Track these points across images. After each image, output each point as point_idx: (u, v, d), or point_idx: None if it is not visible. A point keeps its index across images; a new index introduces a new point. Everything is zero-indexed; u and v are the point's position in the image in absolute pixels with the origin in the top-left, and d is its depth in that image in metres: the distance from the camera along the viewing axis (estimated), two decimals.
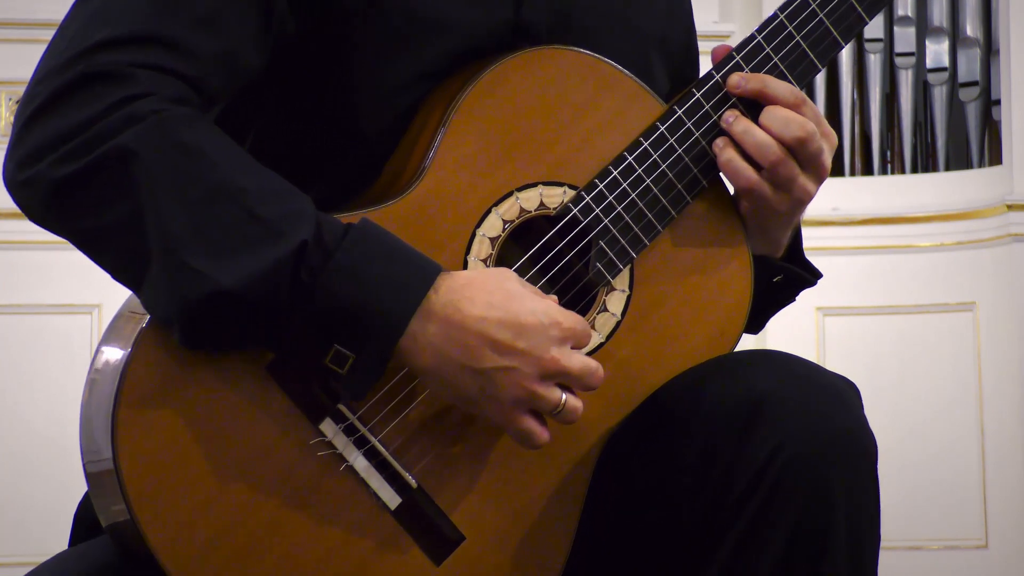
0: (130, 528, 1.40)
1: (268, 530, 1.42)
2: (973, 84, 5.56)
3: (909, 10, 5.63)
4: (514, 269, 1.50)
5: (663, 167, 1.57)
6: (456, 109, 1.51)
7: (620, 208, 1.55)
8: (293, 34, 1.53)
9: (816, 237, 5.12)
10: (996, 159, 5.51)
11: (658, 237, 1.57)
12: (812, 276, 1.73)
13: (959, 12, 5.56)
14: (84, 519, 1.58)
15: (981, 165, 5.57)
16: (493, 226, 1.51)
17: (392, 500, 1.46)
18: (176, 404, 1.40)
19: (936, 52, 5.60)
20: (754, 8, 5.46)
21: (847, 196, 5.45)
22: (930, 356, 5.26)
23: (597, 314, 1.55)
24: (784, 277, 1.69)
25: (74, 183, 1.40)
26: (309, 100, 1.55)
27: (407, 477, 1.47)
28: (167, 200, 1.39)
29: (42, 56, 1.46)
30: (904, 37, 5.64)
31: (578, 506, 1.54)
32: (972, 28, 5.54)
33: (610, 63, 1.57)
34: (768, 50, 1.60)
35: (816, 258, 1.77)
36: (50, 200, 1.42)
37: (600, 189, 1.55)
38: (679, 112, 1.58)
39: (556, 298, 1.48)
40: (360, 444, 1.45)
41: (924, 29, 5.63)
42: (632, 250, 1.56)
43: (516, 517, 1.51)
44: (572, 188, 1.55)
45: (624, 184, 1.56)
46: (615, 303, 1.56)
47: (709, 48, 1.62)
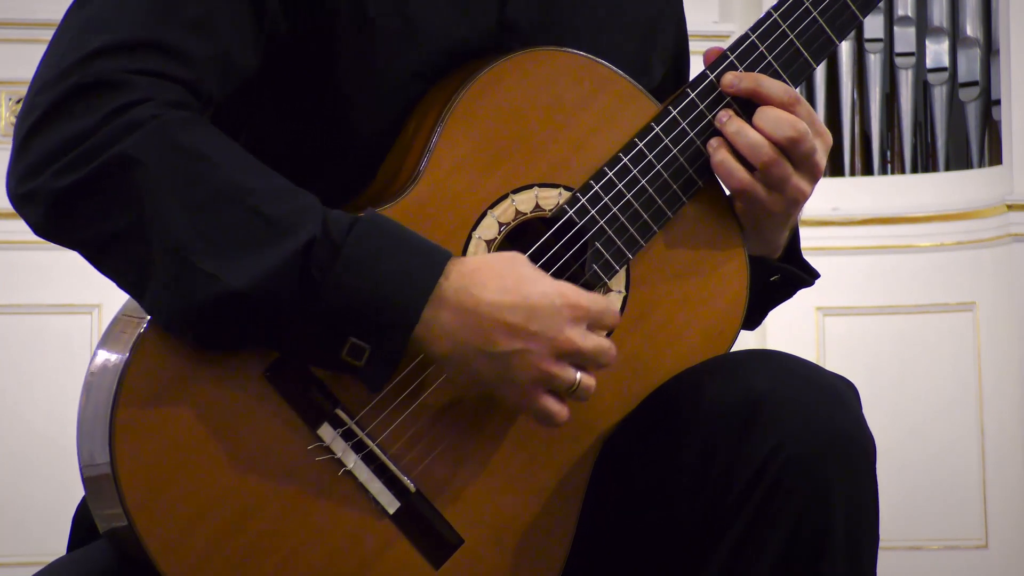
0: (128, 534, 1.40)
1: (267, 536, 1.42)
2: (973, 84, 5.56)
3: (909, 10, 5.63)
4: None
5: (658, 168, 1.57)
6: (451, 112, 1.50)
7: (616, 209, 1.55)
8: (285, 34, 1.53)
9: (816, 237, 5.12)
10: (996, 159, 5.51)
11: (654, 238, 1.57)
12: (809, 276, 1.73)
13: (959, 12, 5.56)
14: (83, 521, 1.58)
15: (981, 165, 5.56)
16: (489, 228, 1.51)
17: (391, 504, 1.47)
18: (174, 410, 1.40)
19: (936, 52, 5.60)
20: (754, 8, 5.46)
21: (847, 196, 5.45)
22: (930, 356, 5.26)
23: None
24: (781, 277, 1.69)
25: (77, 193, 1.40)
26: (303, 101, 1.55)
27: (405, 481, 1.47)
28: (172, 204, 1.39)
29: (38, 67, 1.46)
30: (904, 37, 5.64)
31: (577, 506, 1.54)
32: (972, 28, 5.54)
33: (604, 64, 1.57)
34: (762, 49, 1.60)
35: (816, 258, 1.77)
36: (53, 211, 1.41)
37: (595, 190, 1.55)
38: (674, 112, 1.58)
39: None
40: (358, 449, 1.46)
41: (924, 29, 5.63)
42: (628, 251, 1.56)
43: (515, 519, 1.51)
44: (567, 189, 1.55)
45: (619, 185, 1.56)
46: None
47: (709, 48, 1.62)
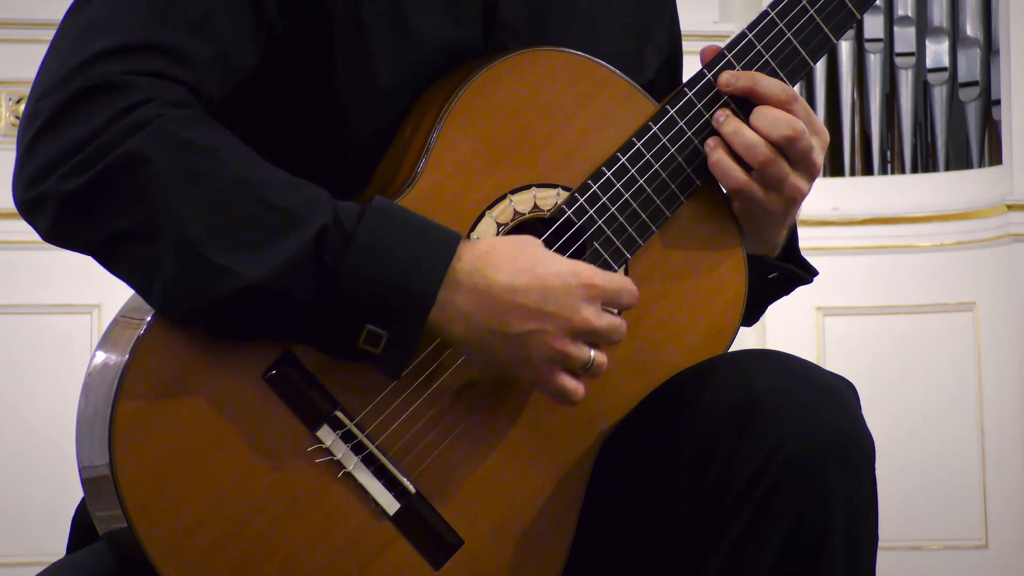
0: (128, 536, 1.40)
1: (267, 538, 1.43)
2: (973, 84, 5.56)
3: (909, 10, 5.63)
4: None
5: (656, 167, 1.57)
6: (449, 112, 1.51)
7: (614, 209, 1.55)
8: (283, 34, 1.53)
9: (816, 237, 5.12)
10: (996, 159, 5.51)
11: (652, 237, 1.57)
12: (808, 273, 1.73)
13: (959, 12, 5.56)
14: (83, 522, 1.58)
15: (981, 165, 5.56)
16: (488, 229, 1.51)
17: (391, 506, 1.47)
18: (173, 412, 1.40)
19: (936, 52, 5.60)
20: (754, 8, 5.45)
21: (847, 196, 5.45)
22: (930, 356, 5.25)
23: None
24: (779, 274, 1.70)
25: (86, 195, 1.40)
26: (302, 100, 1.55)
27: (405, 482, 1.47)
28: (182, 200, 1.39)
29: (38, 73, 1.46)
30: (904, 37, 5.64)
31: (576, 506, 1.54)
32: (972, 28, 5.54)
33: (602, 64, 1.57)
34: (759, 47, 1.60)
35: (816, 258, 1.77)
36: (63, 215, 1.41)
37: (594, 190, 1.55)
38: (671, 112, 1.58)
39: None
40: (358, 450, 1.46)
41: (924, 29, 5.63)
42: (627, 251, 1.56)
43: (515, 519, 1.51)
44: (565, 190, 1.55)
45: (618, 185, 1.56)
46: None
47: (706, 46, 1.62)
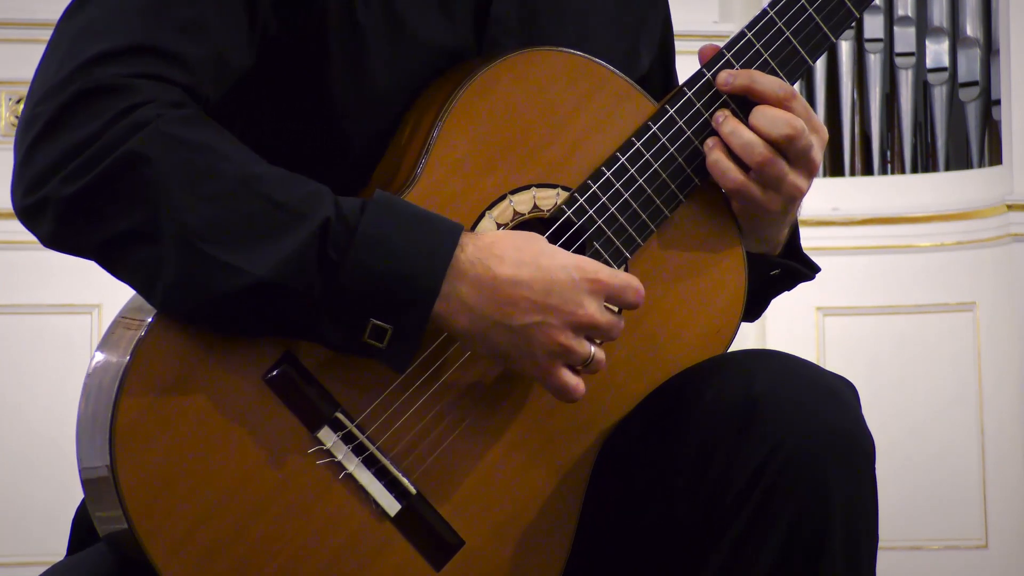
0: (129, 538, 1.40)
1: (269, 539, 1.42)
2: (973, 84, 5.56)
3: (909, 10, 5.63)
4: None
5: (655, 167, 1.57)
6: (448, 113, 1.50)
7: (614, 209, 1.55)
8: (278, 33, 1.53)
9: (816, 237, 5.12)
10: (996, 159, 5.51)
11: (652, 237, 1.57)
12: (810, 270, 1.73)
13: (959, 12, 5.56)
14: (83, 523, 1.58)
15: (981, 165, 5.56)
16: (487, 229, 1.51)
17: (392, 507, 1.47)
18: (173, 414, 1.40)
19: (936, 52, 5.60)
20: (754, 8, 5.45)
21: (847, 196, 5.45)
22: (930, 356, 5.25)
23: None
24: (781, 271, 1.70)
25: (86, 197, 1.40)
26: (301, 101, 1.55)
27: (406, 483, 1.47)
28: (184, 198, 1.39)
29: (34, 78, 1.46)
30: (904, 37, 5.64)
31: (577, 506, 1.54)
32: (972, 28, 5.54)
33: (601, 63, 1.57)
34: (758, 47, 1.60)
35: (816, 258, 1.77)
36: (63, 219, 1.41)
37: (593, 190, 1.55)
38: (671, 111, 1.58)
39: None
40: (359, 451, 1.46)
41: (924, 29, 5.63)
42: (626, 251, 1.56)
43: (515, 519, 1.51)
44: (565, 190, 1.55)
45: (617, 185, 1.56)
46: None
47: (705, 45, 1.62)
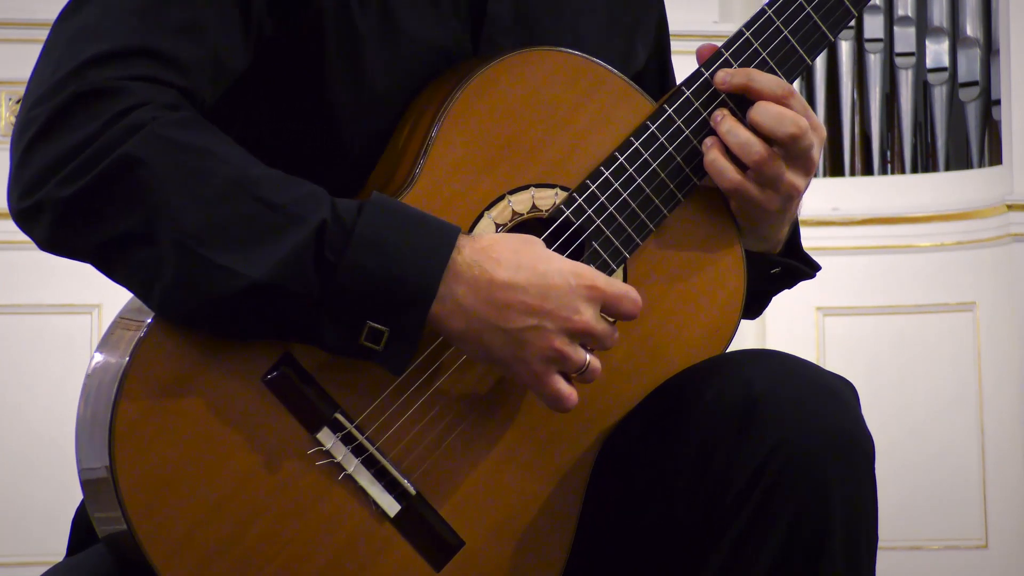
0: (128, 539, 1.40)
1: (268, 540, 1.42)
2: (973, 84, 5.56)
3: (909, 10, 5.63)
4: None
5: (654, 166, 1.57)
6: (446, 114, 1.50)
7: (612, 208, 1.55)
8: (273, 34, 1.53)
9: (816, 237, 5.12)
10: (996, 159, 5.51)
11: (651, 237, 1.57)
12: (810, 268, 1.73)
13: (959, 12, 5.56)
14: (82, 523, 1.58)
15: (981, 165, 5.57)
16: (486, 230, 1.51)
17: (391, 507, 1.46)
18: (173, 415, 1.40)
19: (936, 52, 5.60)
20: (754, 8, 5.45)
21: (847, 196, 5.45)
22: (930, 356, 5.26)
23: None
24: (782, 269, 1.69)
25: (83, 200, 1.40)
26: (299, 101, 1.55)
27: (406, 484, 1.47)
28: (181, 201, 1.39)
29: (30, 81, 1.46)
30: (904, 37, 5.64)
31: (577, 506, 1.54)
32: (972, 28, 5.54)
33: (599, 63, 1.57)
34: (756, 45, 1.60)
35: (816, 258, 1.77)
36: (60, 222, 1.41)
37: (592, 190, 1.55)
38: (669, 111, 1.57)
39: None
40: (358, 452, 1.45)
41: (924, 29, 5.63)
42: (625, 250, 1.56)
43: (515, 520, 1.51)
44: (564, 190, 1.55)
45: (616, 184, 1.56)
46: None
47: (702, 45, 1.62)
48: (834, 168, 5.71)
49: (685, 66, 1.60)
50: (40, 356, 4.90)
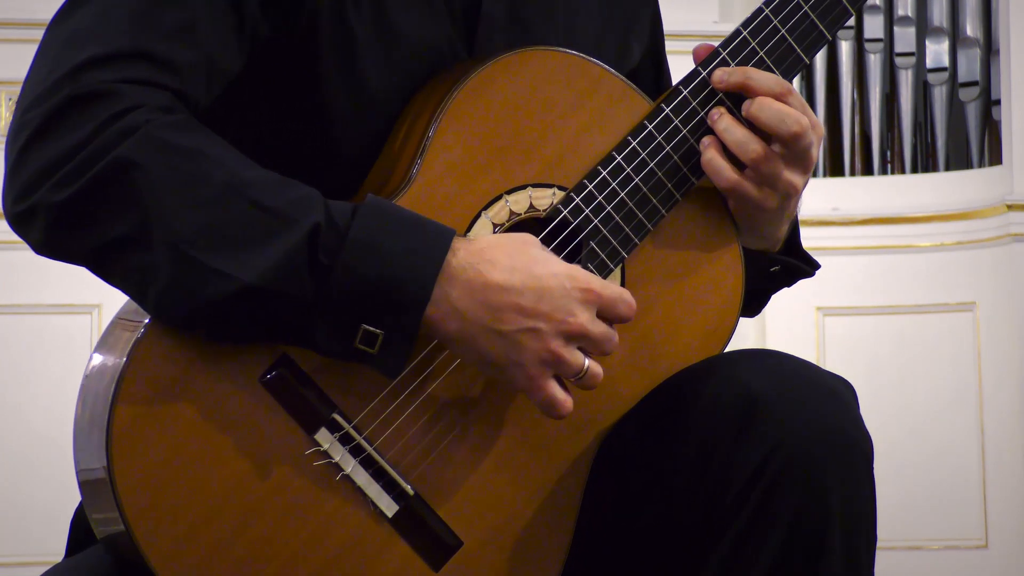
0: (126, 540, 1.40)
1: (266, 541, 1.42)
2: (973, 84, 5.56)
3: (909, 10, 5.64)
4: None
5: (651, 166, 1.57)
6: (443, 114, 1.50)
7: (610, 208, 1.55)
8: (266, 37, 1.52)
9: (816, 237, 5.12)
10: (996, 159, 5.51)
11: (648, 236, 1.57)
12: (810, 267, 1.73)
13: (959, 12, 5.56)
14: (81, 524, 1.58)
15: (981, 165, 5.57)
16: (483, 229, 1.51)
17: (390, 508, 1.46)
18: (170, 416, 1.40)
19: (936, 52, 5.60)
20: (754, 9, 5.46)
21: (847, 196, 5.45)
22: (930, 356, 5.26)
23: None
24: (781, 268, 1.69)
25: (77, 203, 1.39)
26: (292, 103, 1.55)
27: (404, 485, 1.47)
28: (174, 204, 1.39)
29: (24, 84, 1.46)
30: (904, 37, 5.64)
31: (575, 507, 1.54)
32: (972, 28, 5.54)
33: (596, 62, 1.57)
34: (753, 44, 1.60)
35: (816, 258, 1.77)
36: (54, 225, 1.41)
37: (589, 190, 1.55)
38: (666, 110, 1.57)
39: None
40: (356, 453, 1.45)
41: (924, 29, 5.63)
42: (623, 250, 1.56)
43: (513, 520, 1.51)
44: (561, 189, 1.55)
45: (613, 184, 1.55)
46: None
47: (699, 44, 1.62)
48: (834, 168, 5.71)
49: (685, 66, 1.60)
50: (40, 356, 4.90)
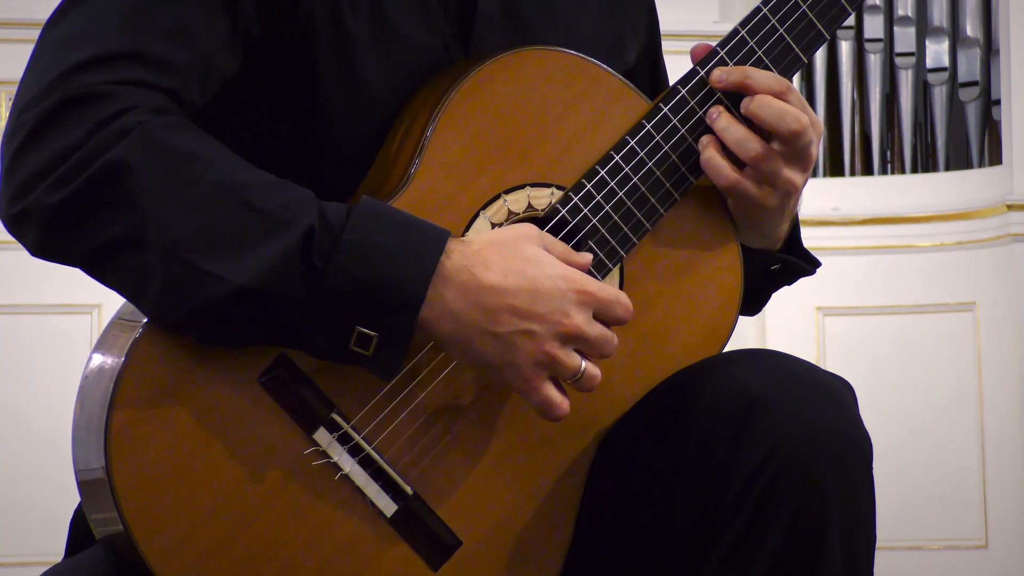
0: (124, 541, 1.40)
1: (265, 541, 1.42)
2: (973, 84, 5.57)
3: (909, 10, 5.64)
4: None
5: (650, 165, 1.57)
6: (441, 113, 1.50)
7: (608, 207, 1.55)
8: (261, 38, 1.52)
9: (816, 237, 5.12)
10: (996, 159, 5.51)
11: (647, 235, 1.57)
12: (811, 265, 1.72)
13: (959, 12, 5.56)
14: (81, 524, 1.58)
15: (981, 165, 5.57)
16: (482, 229, 1.51)
17: (388, 507, 1.46)
18: (170, 416, 1.40)
19: (936, 52, 5.60)
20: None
21: (847, 196, 5.45)
22: (930, 356, 5.26)
23: None
24: (782, 266, 1.69)
25: (71, 205, 1.39)
26: (289, 103, 1.55)
27: (403, 484, 1.47)
28: (167, 206, 1.39)
29: (19, 87, 1.46)
30: (904, 37, 5.64)
31: (574, 507, 1.54)
32: (972, 28, 5.54)
33: (594, 62, 1.57)
34: (752, 44, 1.60)
35: (816, 258, 1.77)
36: (50, 228, 1.41)
37: (588, 189, 1.55)
38: (665, 109, 1.57)
39: (589, 256, 1.49)
40: (355, 452, 1.45)
41: (924, 29, 5.64)
42: (621, 249, 1.55)
43: (513, 520, 1.51)
44: (560, 189, 1.55)
45: (612, 183, 1.55)
46: None
47: (697, 44, 1.61)
48: (834, 168, 5.71)
49: (685, 66, 1.60)
50: (40, 356, 4.90)
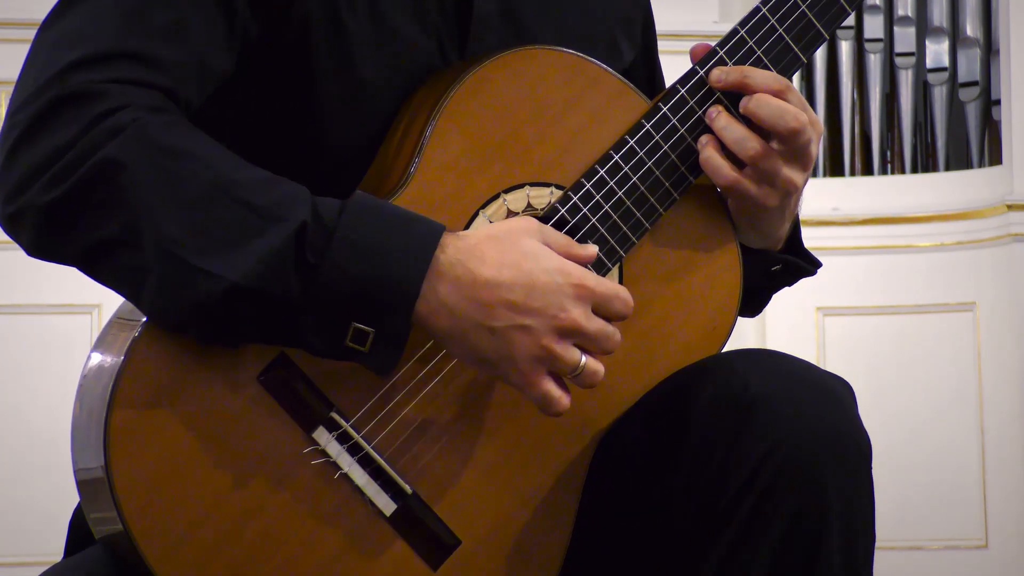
0: (124, 540, 1.40)
1: (264, 540, 1.42)
2: (973, 84, 5.56)
3: (909, 10, 5.64)
4: None
5: (649, 164, 1.57)
6: (441, 113, 1.50)
7: (608, 207, 1.55)
8: (256, 38, 1.52)
9: (816, 237, 5.12)
10: (996, 159, 5.51)
11: (646, 235, 1.57)
12: (811, 265, 1.72)
13: (959, 12, 5.56)
14: (80, 524, 1.58)
15: (981, 165, 5.57)
16: None
17: (387, 507, 1.46)
18: (168, 415, 1.40)
19: (936, 52, 5.60)
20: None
21: (847, 196, 5.45)
22: (930, 356, 5.26)
23: None
24: (783, 267, 1.69)
25: (65, 204, 1.39)
26: (287, 103, 1.55)
27: (402, 483, 1.47)
28: (161, 204, 1.38)
29: (15, 87, 1.45)
30: (904, 37, 5.64)
31: (573, 506, 1.54)
32: (972, 28, 5.54)
33: (594, 61, 1.57)
34: (751, 44, 1.60)
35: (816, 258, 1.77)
36: (43, 227, 1.41)
37: (587, 188, 1.55)
38: (664, 109, 1.57)
39: (595, 248, 1.48)
40: (354, 452, 1.45)
41: (924, 29, 5.63)
42: (620, 249, 1.55)
43: (512, 519, 1.51)
44: (559, 188, 1.55)
45: (611, 183, 1.55)
46: None
47: (696, 44, 1.62)
48: (834, 168, 5.71)
49: (685, 67, 1.60)
50: (40, 356, 4.90)
